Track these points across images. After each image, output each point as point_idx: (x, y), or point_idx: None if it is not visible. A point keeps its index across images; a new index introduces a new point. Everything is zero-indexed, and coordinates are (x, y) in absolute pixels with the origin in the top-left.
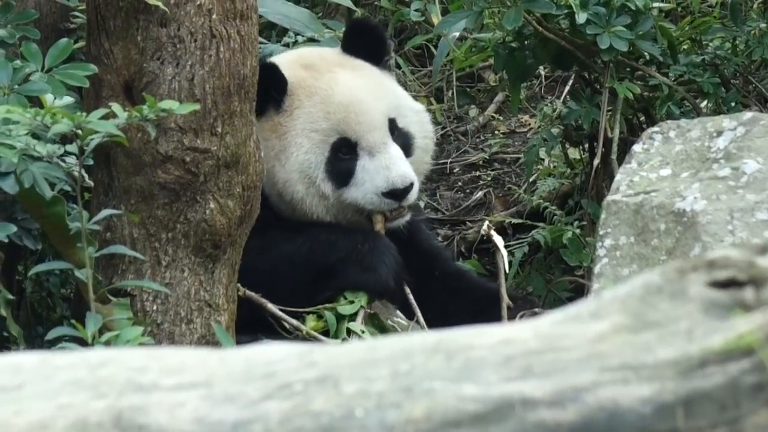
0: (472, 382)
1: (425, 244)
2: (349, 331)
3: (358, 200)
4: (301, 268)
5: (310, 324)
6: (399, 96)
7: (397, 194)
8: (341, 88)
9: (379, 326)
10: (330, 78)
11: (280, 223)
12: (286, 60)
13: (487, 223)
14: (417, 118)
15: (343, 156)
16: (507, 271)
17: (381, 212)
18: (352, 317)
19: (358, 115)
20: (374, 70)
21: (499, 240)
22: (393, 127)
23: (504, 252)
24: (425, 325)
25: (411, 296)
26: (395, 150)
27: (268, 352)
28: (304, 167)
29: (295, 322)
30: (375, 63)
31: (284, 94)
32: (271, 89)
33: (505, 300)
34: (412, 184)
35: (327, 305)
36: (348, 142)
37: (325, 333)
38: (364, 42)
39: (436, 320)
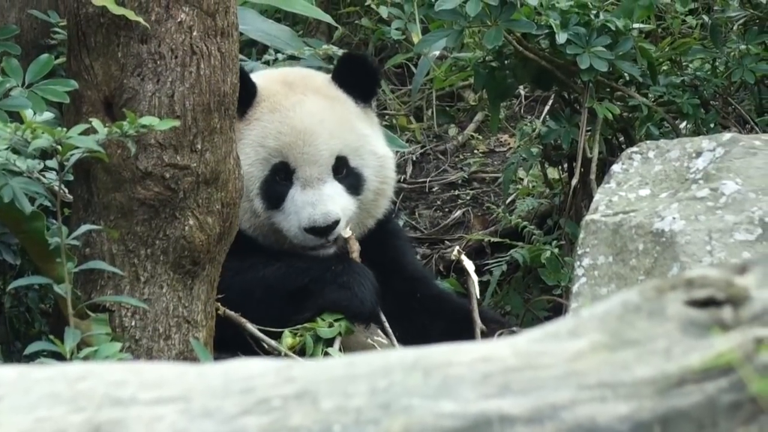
0: (450, 399)
1: (409, 267)
2: (326, 355)
3: (283, 230)
4: (275, 290)
5: (287, 342)
6: (362, 137)
7: (318, 231)
8: (301, 114)
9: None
10: (297, 100)
11: (260, 250)
12: (271, 73)
13: (457, 248)
14: (376, 162)
15: (279, 180)
16: (478, 296)
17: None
18: (330, 342)
19: (304, 145)
20: (350, 105)
21: (469, 265)
22: (341, 166)
23: (474, 277)
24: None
25: (386, 323)
26: (330, 188)
27: (246, 367)
28: (245, 177)
29: (273, 342)
30: (361, 98)
31: (249, 106)
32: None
33: (479, 325)
34: (336, 222)
35: (306, 325)
36: (287, 168)
37: (301, 352)
38: (354, 76)
39: (416, 341)
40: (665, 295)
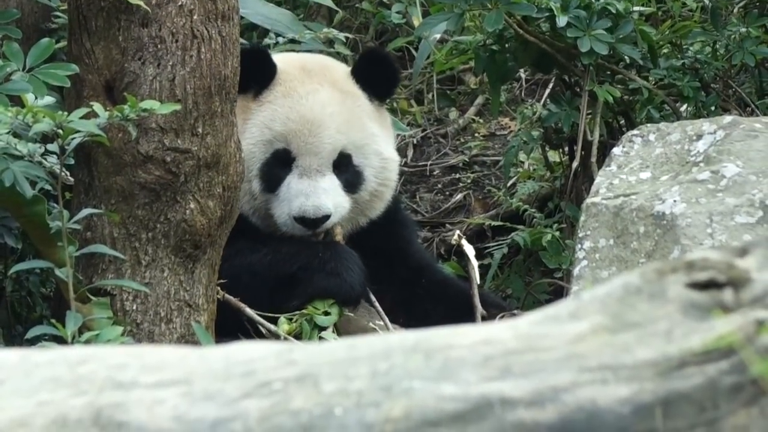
0: (451, 381)
1: (416, 256)
2: (321, 340)
3: (275, 216)
4: (262, 277)
5: (283, 328)
6: (369, 136)
7: (307, 222)
8: (312, 103)
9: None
10: (312, 89)
11: (248, 234)
12: (291, 57)
13: (457, 232)
14: (380, 164)
15: (278, 165)
16: (478, 280)
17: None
18: (323, 328)
19: (309, 135)
20: (364, 102)
21: (469, 249)
22: (343, 162)
23: (474, 262)
24: (391, 330)
25: (377, 303)
26: (327, 182)
27: (247, 350)
28: (247, 156)
29: (272, 327)
30: (377, 96)
31: (265, 87)
32: (255, 79)
33: (479, 309)
34: (326, 216)
35: (303, 312)
36: (288, 155)
37: (296, 338)
38: (374, 73)
39: (418, 325)
40: (666, 278)
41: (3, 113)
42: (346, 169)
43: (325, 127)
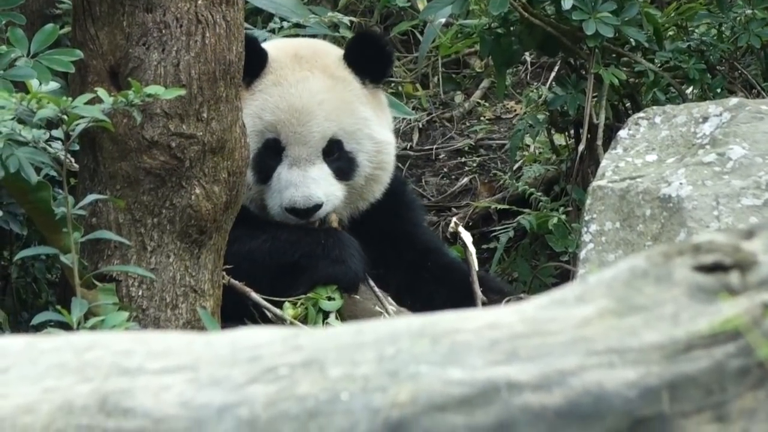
0: (457, 365)
1: (423, 238)
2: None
3: (269, 206)
4: (263, 264)
5: (288, 312)
6: (361, 120)
7: (298, 213)
8: (300, 92)
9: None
10: (300, 77)
11: (249, 221)
12: (286, 44)
13: (454, 220)
14: (374, 148)
15: (269, 155)
16: (476, 267)
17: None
18: (328, 313)
19: (297, 125)
20: (356, 87)
21: (467, 237)
22: (334, 149)
23: (472, 249)
24: (391, 313)
25: (376, 288)
26: (317, 171)
27: (253, 335)
28: None
29: (278, 311)
30: (371, 79)
31: (256, 77)
32: (246, 68)
33: (479, 296)
34: (317, 206)
35: (309, 296)
36: (278, 144)
37: (301, 322)
38: (366, 56)
39: (423, 308)
40: (672, 261)
41: (7, 99)
42: (338, 156)
43: (314, 116)
